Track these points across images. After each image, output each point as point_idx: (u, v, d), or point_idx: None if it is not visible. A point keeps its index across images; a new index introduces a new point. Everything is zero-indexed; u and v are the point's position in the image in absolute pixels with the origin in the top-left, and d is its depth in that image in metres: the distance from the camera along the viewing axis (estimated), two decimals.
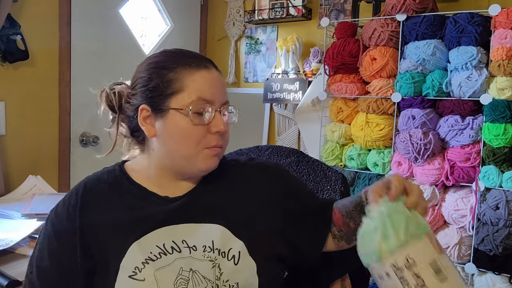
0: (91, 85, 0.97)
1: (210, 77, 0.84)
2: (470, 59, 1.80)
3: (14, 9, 1.83)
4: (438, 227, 1.99)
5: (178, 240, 0.81)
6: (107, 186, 0.87)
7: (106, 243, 0.81)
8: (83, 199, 0.85)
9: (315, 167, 1.16)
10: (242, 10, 2.81)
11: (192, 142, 0.82)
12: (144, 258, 0.79)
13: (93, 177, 0.91)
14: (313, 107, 2.44)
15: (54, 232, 0.84)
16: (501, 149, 1.78)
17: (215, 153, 0.85)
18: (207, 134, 0.83)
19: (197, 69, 0.83)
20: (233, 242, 0.83)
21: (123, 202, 0.85)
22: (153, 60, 0.88)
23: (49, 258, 0.83)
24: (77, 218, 0.83)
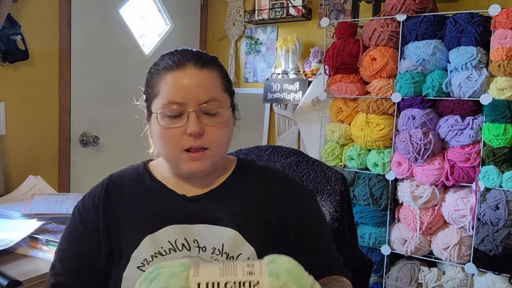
0: (91, 85, 0.97)
1: (182, 76, 0.82)
2: (470, 59, 1.80)
3: (14, 9, 1.83)
4: (438, 227, 1.99)
5: (190, 239, 0.83)
6: (130, 182, 0.92)
7: (124, 233, 0.85)
8: (107, 191, 0.90)
9: (315, 167, 1.16)
10: (242, 10, 2.81)
11: (168, 145, 0.83)
12: (154, 252, 0.82)
13: (119, 173, 0.96)
14: (313, 107, 2.44)
15: (80, 219, 0.89)
16: (501, 149, 1.78)
17: (193, 157, 0.82)
18: (184, 136, 0.81)
19: (171, 71, 0.83)
20: (244, 247, 0.83)
21: (144, 197, 0.89)
22: (154, 63, 0.90)
23: (72, 243, 0.87)
24: (101, 207, 0.88)
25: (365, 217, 2.12)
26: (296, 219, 0.88)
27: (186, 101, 0.81)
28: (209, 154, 0.83)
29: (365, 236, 2.12)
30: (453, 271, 1.96)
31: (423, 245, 2.00)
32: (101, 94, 2.27)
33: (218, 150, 0.85)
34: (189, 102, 0.81)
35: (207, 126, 0.82)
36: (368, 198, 2.07)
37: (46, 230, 1.36)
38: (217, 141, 0.84)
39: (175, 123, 0.82)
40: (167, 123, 0.82)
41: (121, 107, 2.38)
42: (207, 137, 0.82)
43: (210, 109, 0.82)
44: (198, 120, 0.81)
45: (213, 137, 0.83)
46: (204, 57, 0.86)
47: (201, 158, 0.82)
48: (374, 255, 2.14)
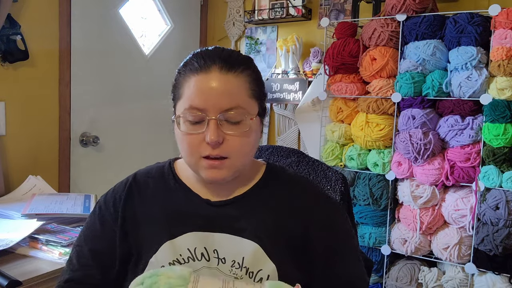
0: (91, 85, 0.96)
1: (205, 82, 0.77)
2: (470, 59, 1.80)
3: (14, 9, 1.83)
4: (438, 227, 1.99)
5: (210, 248, 0.80)
6: (154, 182, 0.89)
7: (143, 235, 0.83)
8: (129, 190, 0.88)
9: (315, 167, 1.16)
10: (242, 10, 2.81)
11: (187, 151, 0.79)
12: (172, 259, 0.80)
13: (144, 171, 0.92)
14: (313, 107, 2.44)
15: (100, 216, 0.88)
16: (501, 149, 1.78)
17: (211, 165, 0.78)
18: (203, 144, 0.77)
19: (195, 73, 0.79)
20: (265, 263, 0.78)
21: (166, 199, 0.86)
22: (183, 61, 0.86)
23: (89, 241, 0.87)
24: (121, 207, 0.86)
25: (365, 217, 2.12)
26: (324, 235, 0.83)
27: (207, 108, 0.76)
28: (228, 163, 0.78)
29: (365, 236, 2.12)
30: (453, 271, 1.96)
31: (423, 245, 2.00)
32: (101, 94, 2.27)
33: (239, 160, 0.80)
34: (210, 109, 0.76)
35: (228, 135, 0.77)
36: (368, 198, 2.07)
37: (46, 230, 1.36)
38: (238, 151, 0.78)
39: (195, 129, 0.77)
40: (187, 129, 0.78)
41: (121, 107, 2.38)
42: (227, 146, 0.77)
43: (232, 117, 0.77)
44: (217, 128, 0.76)
45: (234, 147, 0.78)
46: (234, 59, 0.80)
47: (219, 166, 0.78)
48: (374, 255, 2.14)
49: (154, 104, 2.55)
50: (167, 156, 0.97)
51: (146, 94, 2.50)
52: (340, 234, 0.85)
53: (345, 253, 0.85)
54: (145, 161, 1.08)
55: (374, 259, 2.14)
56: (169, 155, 1.01)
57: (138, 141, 2.50)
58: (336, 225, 0.86)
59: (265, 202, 0.84)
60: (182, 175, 0.89)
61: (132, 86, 2.44)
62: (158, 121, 2.60)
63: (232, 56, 0.81)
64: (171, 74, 0.89)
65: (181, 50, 2.73)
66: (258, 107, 0.83)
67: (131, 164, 2.44)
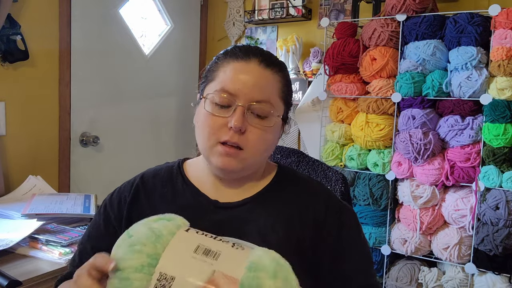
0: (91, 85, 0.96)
1: (243, 69, 0.78)
2: (470, 59, 1.81)
3: (14, 9, 1.83)
4: (438, 227, 1.99)
5: None
6: (161, 183, 0.87)
7: None
8: (136, 192, 0.87)
9: (315, 167, 1.16)
10: (242, 10, 2.81)
11: (206, 132, 0.78)
12: None
13: (152, 171, 0.91)
14: (313, 107, 2.44)
15: (104, 216, 0.87)
16: (501, 149, 1.78)
17: (227, 152, 0.77)
18: (224, 128, 0.77)
19: (234, 60, 0.80)
20: None
21: (174, 201, 0.85)
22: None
23: (92, 239, 0.87)
24: (126, 208, 0.85)
25: (365, 217, 2.12)
26: (334, 240, 0.81)
27: (238, 94, 0.77)
28: (242, 155, 0.78)
29: (365, 236, 2.12)
30: (453, 271, 1.96)
31: (423, 245, 2.00)
32: (101, 94, 2.27)
33: (254, 155, 0.79)
34: (241, 96, 0.77)
35: (251, 126, 0.77)
36: (368, 198, 2.07)
37: (46, 230, 1.36)
38: (255, 145, 0.78)
39: (221, 112, 0.77)
40: (212, 109, 0.78)
41: (121, 107, 2.38)
42: (247, 137, 0.77)
43: (260, 110, 0.77)
44: (243, 116, 0.76)
45: (253, 139, 0.77)
46: (273, 59, 0.82)
47: (233, 155, 0.77)
48: (374, 255, 2.14)
49: (154, 104, 2.55)
50: (166, 156, 0.97)
51: (146, 94, 2.50)
52: (353, 241, 0.84)
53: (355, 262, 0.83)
54: (145, 161, 1.08)
55: (374, 259, 2.14)
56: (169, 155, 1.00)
57: (138, 141, 2.50)
58: (346, 226, 0.84)
59: (275, 205, 0.83)
60: (191, 175, 0.88)
61: (132, 86, 2.44)
62: (158, 121, 2.60)
63: (272, 56, 0.83)
64: (171, 74, 0.89)
65: (181, 50, 2.73)
66: (284, 112, 0.84)
67: (131, 164, 2.45)
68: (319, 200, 0.84)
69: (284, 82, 0.83)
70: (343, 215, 0.84)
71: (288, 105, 0.86)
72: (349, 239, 0.83)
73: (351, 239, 0.84)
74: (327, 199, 0.85)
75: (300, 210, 0.82)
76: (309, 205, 0.83)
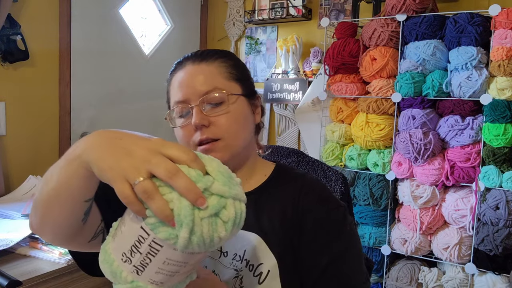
0: (91, 85, 0.96)
1: (181, 75, 0.83)
2: (470, 59, 1.80)
3: (14, 9, 1.83)
4: (438, 227, 1.99)
5: None
6: None
7: None
8: None
9: (315, 167, 1.16)
10: (242, 10, 2.81)
11: (185, 144, 0.81)
12: None
13: None
14: (313, 107, 2.44)
15: None
16: (501, 149, 1.78)
17: (206, 148, 0.79)
18: (193, 133, 0.80)
19: (174, 73, 0.84)
20: (267, 257, 0.78)
21: None
22: None
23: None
24: None
25: (365, 217, 2.11)
26: (322, 233, 0.80)
27: (187, 98, 0.80)
28: (222, 144, 0.79)
29: (365, 236, 2.12)
30: (453, 271, 1.96)
31: (423, 245, 2.00)
32: (101, 94, 2.27)
33: (232, 140, 0.80)
34: (191, 98, 0.80)
35: (213, 117, 0.79)
36: (368, 198, 2.07)
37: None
38: (226, 131, 0.79)
39: (185, 121, 0.81)
40: (179, 123, 0.82)
41: (121, 107, 2.38)
42: (215, 127, 0.79)
43: (212, 99, 0.80)
44: (200, 112, 0.79)
45: (221, 126, 0.79)
46: (206, 53, 0.85)
47: (213, 149, 0.79)
48: (374, 255, 2.14)
49: (154, 104, 2.55)
50: None
51: (146, 94, 2.50)
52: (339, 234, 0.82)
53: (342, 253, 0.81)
54: None
55: (374, 259, 2.14)
56: None
57: None
58: (336, 225, 0.82)
59: (272, 200, 0.84)
60: None
61: (132, 86, 2.44)
62: (158, 121, 2.60)
63: (205, 51, 0.86)
64: None
65: (181, 50, 2.73)
66: (241, 89, 0.84)
67: None
68: (313, 196, 0.83)
69: (228, 64, 0.84)
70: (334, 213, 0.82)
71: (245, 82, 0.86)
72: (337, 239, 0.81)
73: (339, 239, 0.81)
74: (321, 196, 0.84)
75: (294, 205, 0.82)
76: (302, 200, 0.82)
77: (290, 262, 0.79)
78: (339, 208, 0.84)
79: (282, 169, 0.90)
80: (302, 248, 0.79)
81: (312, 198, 0.83)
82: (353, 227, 0.85)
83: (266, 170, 0.89)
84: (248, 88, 0.87)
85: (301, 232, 0.80)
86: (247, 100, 0.86)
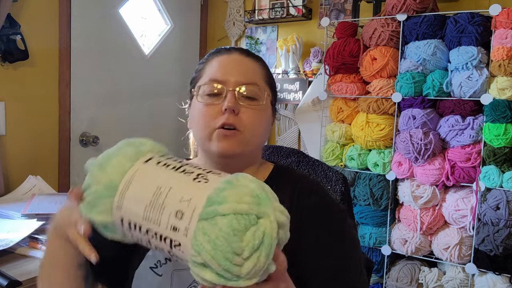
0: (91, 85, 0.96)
1: (226, 59, 0.84)
2: (470, 59, 1.80)
3: (14, 9, 1.83)
4: (439, 227, 1.99)
5: None
6: None
7: None
8: None
9: (315, 167, 1.16)
10: (242, 10, 2.81)
11: (204, 122, 0.81)
12: (165, 257, 0.80)
13: None
14: (313, 107, 2.44)
15: None
16: (502, 149, 1.77)
17: (224, 134, 0.79)
18: (218, 115, 0.80)
19: (218, 55, 0.86)
20: None
21: None
22: None
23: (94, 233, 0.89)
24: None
25: (365, 217, 2.11)
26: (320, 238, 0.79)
27: (226, 80, 0.81)
28: (240, 136, 0.80)
29: (366, 236, 2.12)
30: (454, 271, 1.96)
31: (423, 245, 2.00)
32: (101, 94, 2.27)
33: (251, 136, 0.81)
34: (229, 82, 0.81)
35: (244, 107, 0.81)
36: (368, 198, 2.07)
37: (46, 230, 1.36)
38: (251, 126, 0.81)
39: (214, 101, 0.81)
40: (205, 100, 0.82)
41: (121, 107, 2.38)
42: (242, 118, 0.80)
43: (249, 91, 0.81)
44: (235, 98, 0.80)
45: (248, 120, 0.80)
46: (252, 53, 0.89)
47: (231, 136, 0.79)
48: (374, 255, 2.14)
49: (154, 104, 2.55)
50: None
51: (146, 94, 2.50)
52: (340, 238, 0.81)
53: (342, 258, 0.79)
54: None
55: (374, 259, 2.14)
56: None
57: None
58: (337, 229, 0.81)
59: None
60: None
61: (132, 86, 2.44)
62: (158, 121, 2.60)
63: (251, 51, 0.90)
64: (171, 74, 0.90)
65: (181, 50, 2.72)
66: (271, 96, 0.87)
67: None
68: (310, 195, 0.82)
69: (266, 70, 0.88)
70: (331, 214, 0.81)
71: (274, 92, 0.90)
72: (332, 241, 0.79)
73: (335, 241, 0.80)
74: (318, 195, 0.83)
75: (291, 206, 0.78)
76: (300, 201, 0.81)
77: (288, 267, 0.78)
78: (340, 212, 0.84)
79: (281, 171, 0.89)
80: (301, 252, 0.78)
81: (312, 201, 0.82)
82: (353, 232, 0.85)
83: (264, 172, 0.88)
84: (275, 99, 0.90)
85: (300, 235, 0.78)
86: (272, 109, 0.89)
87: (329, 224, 0.81)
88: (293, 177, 0.87)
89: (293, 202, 0.81)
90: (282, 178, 0.87)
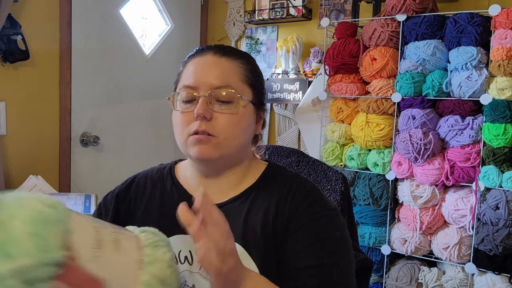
0: (91, 85, 0.97)
1: (199, 63, 0.82)
2: (470, 59, 1.81)
3: (15, 9, 1.83)
4: (438, 227, 1.99)
5: (194, 252, 0.79)
6: (152, 184, 0.91)
7: None
8: (127, 188, 0.91)
9: (315, 167, 1.16)
10: (242, 10, 2.81)
11: (180, 128, 0.81)
12: None
13: (145, 172, 0.94)
14: (313, 107, 2.44)
15: (98, 206, 0.92)
16: (501, 149, 1.78)
17: (198, 139, 0.78)
18: (193, 121, 0.79)
19: (192, 58, 0.84)
20: (248, 266, 0.74)
21: (162, 202, 0.87)
22: None
23: None
24: (114, 199, 0.90)
25: (365, 217, 2.12)
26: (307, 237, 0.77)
27: (198, 85, 0.79)
28: (215, 141, 0.78)
29: (365, 236, 2.12)
30: (453, 271, 1.96)
31: (423, 245, 2.00)
32: (101, 94, 2.27)
33: (228, 140, 0.79)
34: (201, 87, 0.79)
35: (217, 113, 0.78)
36: (368, 198, 2.07)
37: None
38: (225, 130, 0.78)
39: (188, 107, 0.80)
40: (180, 108, 0.81)
41: (121, 107, 2.39)
42: (215, 124, 0.78)
43: (222, 96, 0.79)
44: (206, 104, 0.78)
45: (222, 124, 0.78)
46: (230, 49, 0.85)
47: (205, 142, 0.78)
48: (374, 255, 2.14)
49: (154, 104, 2.56)
50: (166, 156, 0.98)
51: (146, 94, 2.51)
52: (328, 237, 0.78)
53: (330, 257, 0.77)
54: (145, 161, 1.08)
55: (374, 259, 2.14)
56: (169, 155, 1.01)
57: (138, 141, 2.50)
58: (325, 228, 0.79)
59: (257, 205, 0.82)
60: (180, 176, 0.90)
61: (132, 86, 2.44)
62: (158, 121, 2.60)
63: (228, 47, 0.85)
64: (171, 74, 0.90)
65: (181, 50, 2.73)
66: (252, 95, 0.84)
67: (131, 164, 2.45)
68: (301, 196, 0.81)
69: (247, 68, 0.84)
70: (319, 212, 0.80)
71: (257, 91, 0.86)
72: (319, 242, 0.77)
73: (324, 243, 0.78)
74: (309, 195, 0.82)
75: (278, 206, 0.81)
76: (288, 201, 0.81)
77: (273, 268, 0.78)
78: (329, 210, 0.81)
79: (272, 171, 0.88)
80: (287, 251, 0.77)
81: (301, 200, 0.81)
82: (344, 231, 0.82)
83: (256, 172, 0.87)
84: (258, 97, 0.86)
85: (287, 234, 0.78)
86: (254, 108, 0.85)
87: (316, 223, 0.79)
88: (284, 177, 0.86)
89: (282, 202, 0.81)
90: (273, 179, 0.86)
